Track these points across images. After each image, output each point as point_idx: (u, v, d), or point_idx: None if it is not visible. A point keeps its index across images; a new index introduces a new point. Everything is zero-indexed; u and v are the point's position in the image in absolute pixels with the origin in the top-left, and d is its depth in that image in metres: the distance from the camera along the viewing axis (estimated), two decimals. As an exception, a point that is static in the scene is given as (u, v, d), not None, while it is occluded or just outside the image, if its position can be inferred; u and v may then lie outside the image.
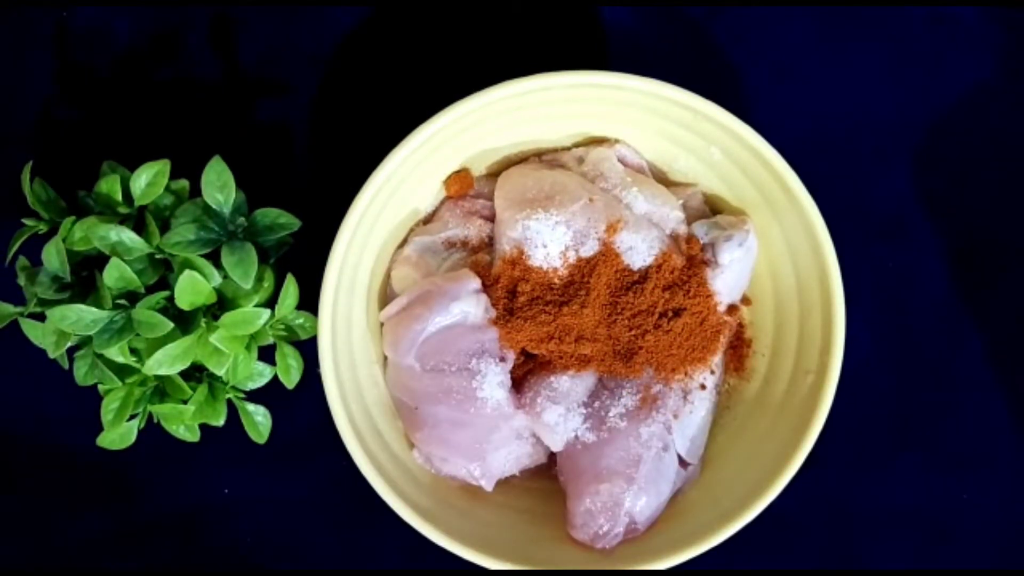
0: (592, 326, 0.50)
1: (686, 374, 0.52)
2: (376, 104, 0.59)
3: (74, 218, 0.50)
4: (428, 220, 0.55)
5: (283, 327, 0.53)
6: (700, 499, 0.52)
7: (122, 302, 0.49)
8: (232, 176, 0.50)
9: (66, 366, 0.53)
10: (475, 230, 0.53)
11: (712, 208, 0.55)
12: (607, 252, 0.50)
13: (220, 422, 0.53)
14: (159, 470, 0.58)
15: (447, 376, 0.49)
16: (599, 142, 0.55)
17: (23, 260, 0.52)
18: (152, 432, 0.53)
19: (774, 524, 0.51)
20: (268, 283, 0.52)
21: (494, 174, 0.55)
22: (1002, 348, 0.59)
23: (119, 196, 0.51)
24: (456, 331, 0.50)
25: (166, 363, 0.49)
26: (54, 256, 0.49)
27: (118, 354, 0.49)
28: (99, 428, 0.51)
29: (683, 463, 0.52)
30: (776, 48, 0.60)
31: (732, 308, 0.53)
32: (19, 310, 0.51)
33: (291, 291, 0.51)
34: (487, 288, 0.51)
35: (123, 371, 0.51)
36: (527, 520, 0.52)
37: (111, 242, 0.49)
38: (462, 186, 0.54)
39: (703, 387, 0.52)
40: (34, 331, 0.51)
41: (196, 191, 0.50)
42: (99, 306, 0.48)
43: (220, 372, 0.50)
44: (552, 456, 0.53)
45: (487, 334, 0.50)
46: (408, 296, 0.51)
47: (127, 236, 0.49)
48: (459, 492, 0.52)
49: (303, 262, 0.53)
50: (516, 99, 0.50)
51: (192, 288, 0.49)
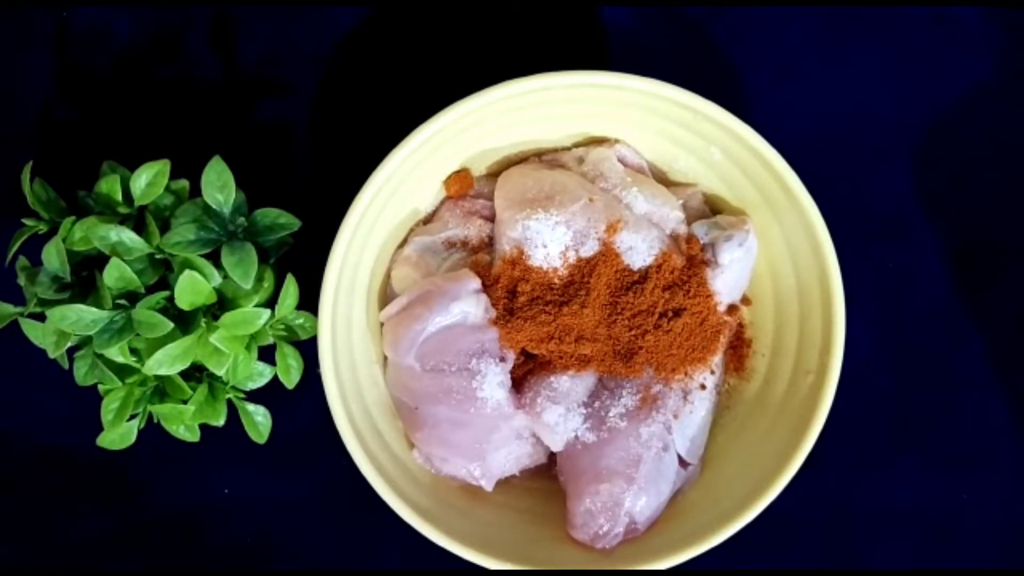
0: (592, 326, 0.50)
1: (686, 374, 0.52)
2: (376, 104, 0.59)
3: (74, 218, 0.50)
4: (428, 220, 0.55)
5: (283, 327, 0.53)
6: (700, 499, 0.52)
7: (122, 302, 0.49)
8: (232, 176, 0.50)
9: (66, 366, 0.53)
10: (475, 230, 0.53)
11: (712, 208, 0.55)
12: (607, 252, 0.50)
13: (220, 422, 0.53)
14: (159, 470, 0.58)
15: (447, 376, 0.49)
16: (599, 142, 0.54)
17: (23, 260, 0.52)
18: (152, 432, 0.53)
19: (774, 524, 0.51)
20: (268, 283, 0.52)
21: (494, 174, 0.55)
22: (1002, 348, 0.59)
23: (119, 196, 0.51)
24: (456, 331, 0.50)
25: (166, 363, 0.49)
26: (54, 256, 0.49)
27: (118, 354, 0.49)
28: (99, 428, 0.51)
29: (683, 463, 0.52)
30: (776, 48, 0.60)
31: (732, 308, 0.53)
32: (19, 310, 0.51)
33: (291, 291, 0.51)
34: (487, 288, 0.51)
35: (123, 371, 0.51)
36: (527, 520, 0.52)
37: (111, 242, 0.49)
38: (462, 186, 0.54)
39: (703, 387, 0.52)
40: (34, 331, 0.51)
41: (196, 191, 0.50)
42: (99, 306, 0.48)
43: (220, 372, 0.50)
44: (552, 456, 0.53)
45: (487, 334, 0.50)
46: (408, 296, 0.51)
47: (127, 236, 0.49)
48: (459, 492, 0.52)
49: (303, 262, 0.53)
50: (516, 99, 0.50)
51: (192, 288, 0.49)
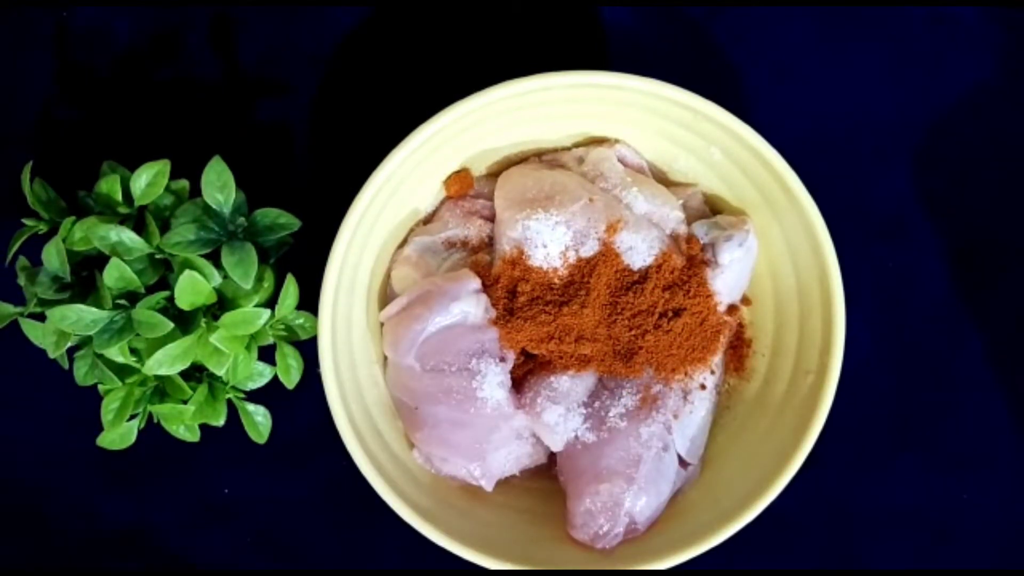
0: (592, 326, 0.50)
1: (686, 374, 0.52)
2: (376, 104, 0.59)
3: (74, 218, 0.50)
4: (428, 220, 0.55)
5: (283, 327, 0.53)
6: (700, 499, 0.52)
7: (122, 302, 0.49)
8: (232, 176, 0.50)
9: (66, 366, 0.53)
10: (475, 230, 0.53)
11: (712, 208, 0.55)
12: (607, 252, 0.50)
13: (220, 422, 0.53)
14: (159, 470, 0.58)
15: (447, 376, 0.49)
16: (599, 142, 0.54)
17: (23, 260, 0.52)
18: (152, 432, 0.53)
19: (774, 524, 0.51)
20: (268, 283, 0.52)
21: (494, 174, 0.55)
22: (1002, 348, 0.59)
23: (119, 196, 0.51)
24: (456, 331, 0.50)
25: (166, 363, 0.49)
26: (54, 256, 0.49)
27: (118, 354, 0.49)
28: (99, 428, 0.51)
29: (683, 463, 0.52)
30: (776, 48, 0.60)
31: (732, 308, 0.53)
32: (19, 310, 0.51)
33: (291, 291, 0.51)
34: (487, 288, 0.51)
35: (123, 371, 0.51)
36: (527, 520, 0.52)
37: (111, 242, 0.48)
38: (462, 186, 0.54)
39: (703, 387, 0.52)
40: (34, 331, 0.51)
41: (196, 191, 0.50)
42: (99, 306, 0.48)
43: (220, 372, 0.50)
44: (552, 456, 0.53)
45: (487, 334, 0.50)
46: (408, 296, 0.51)
47: (127, 236, 0.49)
48: (459, 492, 0.52)
49: (303, 262, 0.53)
50: (516, 99, 0.50)
51: (192, 288, 0.49)
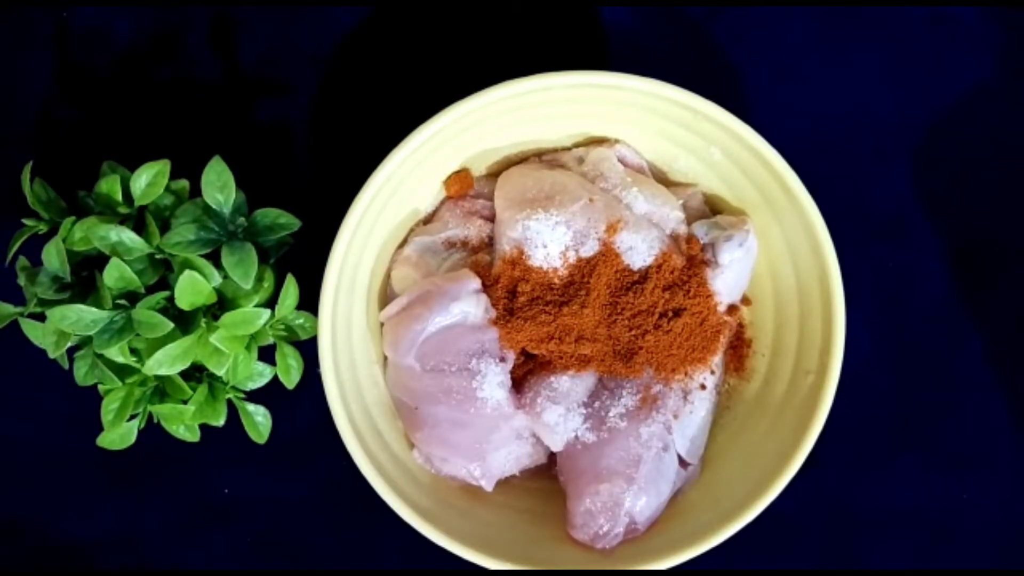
0: (592, 326, 0.50)
1: (686, 374, 0.52)
2: (376, 104, 0.59)
3: (74, 218, 0.50)
4: (428, 220, 0.55)
5: (283, 327, 0.53)
6: (700, 499, 0.52)
7: (122, 302, 0.49)
8: (232, 176, 0.50)
9: (66, 366, 0.53)
10: (475, 230, 0.53)
11: (712, 208, 0.55)
12: (607, 252, 0.50)
13: (220, 422, 0.53)
14: (159, 470, 0.58)
15: (447, 376, 0.49)
16: (599, 142, 0.54)
17: (23, 260, 0.52)
18: (152, 432, 0.53)
19: (774, 524, 0.51)
20: (268, 283, 0.52)
21: (494, 174, 0.55)
22: (1002, 348, 0.59)
23: (119, 196, 0.51)
24: (456, 331, 0.50)
25: (166, 363, 0.49)
26: (54, 256, 0.49)
27: (118, 354, 0.49)
28: (99, 428, 0.51)
29: (683, 463, 0.52)
30: (776, 48, 0.59)
31: (732, 308, 0.53)
32: (19, 310, 0.51)
33: (291, 291, 0.51)
34: (487, 288, 0.51)
35: (123, 371, 0.51)
36: (527, 520, 0.52)
37: (111, 242, 0.48)
38: (462, 186, 0.54)
39: (703, 387, 0.52)
40: (34, 331, 0.51)
41: (196, 191, 0.50)
42: (99, 306, 0.48)
43: (220, 372, 0.50)
44: (552, 456, 0.53)
45: (487, 334, 0.50)
46: (408, 296, 0.51)
47: (127, 236, 0.49)
48: (459, 492, 0.52)
49: (303, 262, 0.53)
50: (516, 99, 0.50)
51: (192, 288, 0.49)
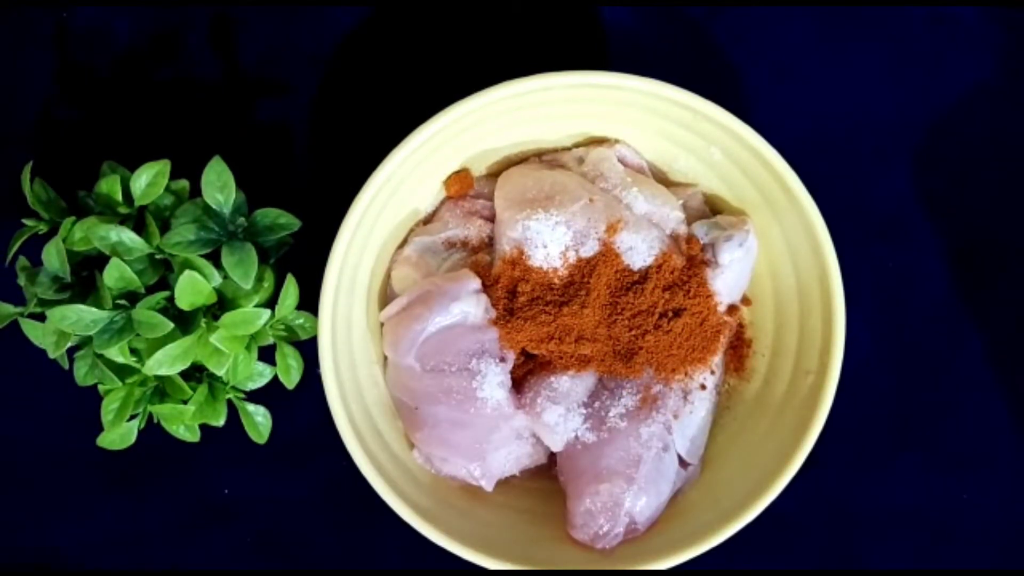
0: (592, 326, 0.50)
1: (686, 374, 0.52)
2: (376, 104, 0.59)
3: (74, 218, 0.50)
4: (428, 220, 0.55)
5: (283, 327, 0.53)
6: (700, 499, 0.52)
7: (122, 302, 0.49)
8: (232, 176, 0.50)
9: (66, 366, 0.53)
10: (475, 230, 0.53)
11: (712, 208, 0.55)
12: (607, 252, 0.50)
13: (220, 422, 0.53)
14: (159, 470, 0.58)
15: (447, 376, 0.49)
16: (599, 142, 0.54)
17: (23, 260, 0.52)
18: (152, 432, 0.53)
19: (774, 524, 0.51)
20: (268, 283, 0.52)
21: (494, 174, 0.55)
22: (1002, 348, 0.59)
23: (119, 196, 0.51)
24: (456, 331, 0.50)
25: (166, 363, 0.49)
26: (54, 256, 0.49)
27: (118, 354, 0.49)
28: (99, 428, 0.51)
29: (683, 463, 0.52)
30: (776, 48, 0.60)
31: (732, 308, 0.53)
32: (19, 310, 0.51)
33: (291, 291, 0.51)
34: (487, 288, 0.51)
35: (123, 371, 0.51)
36: (527, 520, 0.52)
37: (111, 242, 0.48)
38: (462, 186, 0.54)
39: (703, 387, 0.52)
40: (34, 331, 0.51)
41: (196, 191, 0.50)
42: (99, 306, 0.48)
43: (220, 372, 0.50)
44: (552, 456, 0.53)
45: (487, 334, 0.50)
46: (408, 296, 0.51)
47: (127, 236, 0.49)
48: (459, 492, 0.52)
49: (303, 262, 0.53)
50: (516, 99, 0.50)
51: (192, 288, 0.49)
